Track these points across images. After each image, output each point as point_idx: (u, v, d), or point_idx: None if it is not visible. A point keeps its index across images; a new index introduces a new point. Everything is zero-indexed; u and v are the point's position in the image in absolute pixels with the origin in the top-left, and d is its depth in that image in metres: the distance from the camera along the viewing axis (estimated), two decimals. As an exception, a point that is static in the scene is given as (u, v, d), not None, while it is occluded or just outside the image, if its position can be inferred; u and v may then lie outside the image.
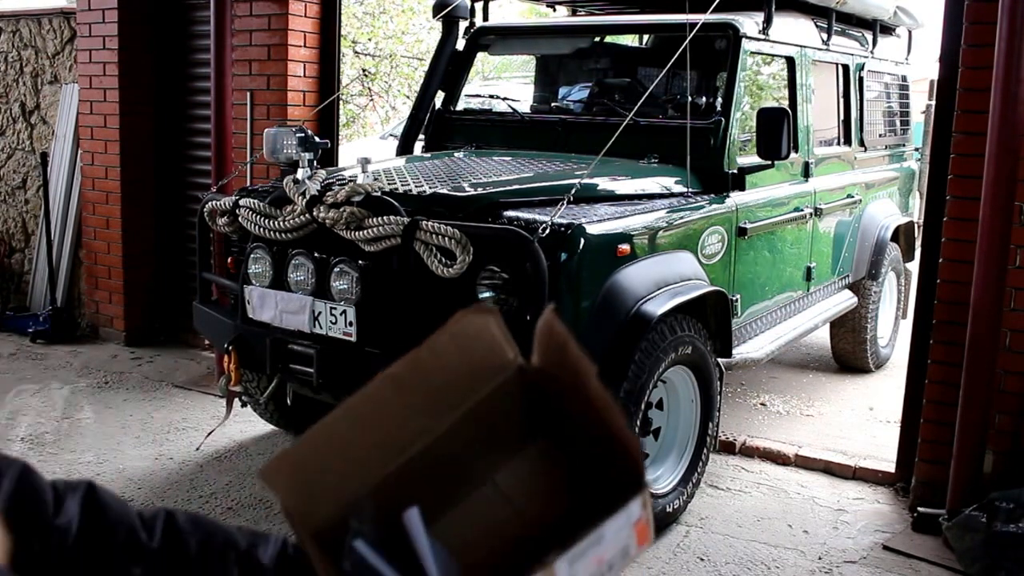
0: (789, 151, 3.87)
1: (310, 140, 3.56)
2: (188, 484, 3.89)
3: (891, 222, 5.63)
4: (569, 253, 2.99)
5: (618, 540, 0.50)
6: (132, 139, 5.99)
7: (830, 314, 5.05)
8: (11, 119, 6.75)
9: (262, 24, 5.38)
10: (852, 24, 5.36)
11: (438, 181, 3.48)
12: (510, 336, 0.61)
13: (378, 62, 12.13)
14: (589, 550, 0.50)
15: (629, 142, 3.72)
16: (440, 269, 3.00)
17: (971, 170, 3.46)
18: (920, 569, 3.33)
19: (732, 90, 4.04)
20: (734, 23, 4.10)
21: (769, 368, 5.63)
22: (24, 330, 6.19)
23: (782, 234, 4.45)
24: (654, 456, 3.60)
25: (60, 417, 4.70)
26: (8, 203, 6.84)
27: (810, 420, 4.87)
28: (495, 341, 0.61)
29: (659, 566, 3.29)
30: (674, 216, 3.59)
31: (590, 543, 0.49)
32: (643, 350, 3.18)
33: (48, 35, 6.48)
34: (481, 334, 0.60)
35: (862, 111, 5.34)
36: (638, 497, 0.51)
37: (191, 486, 3.87)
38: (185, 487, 3.86)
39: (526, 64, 5.64)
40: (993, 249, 3.31)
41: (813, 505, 3.83)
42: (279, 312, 3.43)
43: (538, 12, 9.87)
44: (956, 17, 3.64)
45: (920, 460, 3.75)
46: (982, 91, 3.36)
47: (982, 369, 3.39)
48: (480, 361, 0.61)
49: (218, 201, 3.67)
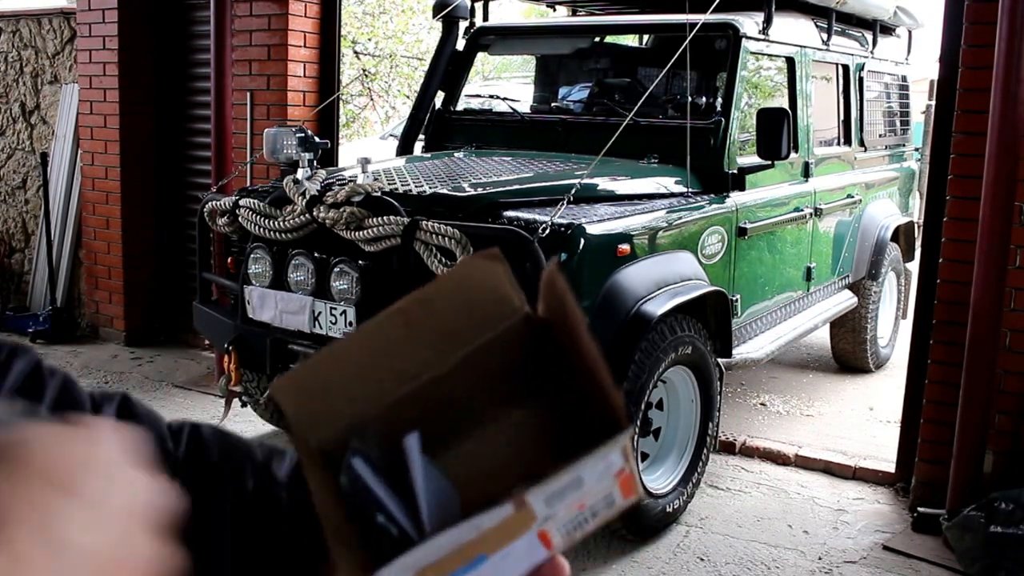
0: (789, 151, 3.87)
1: (310, 140, 3.56)
2: (188, 484, 3.89)
3: (891, 222, 5.63)
4: (569, 253, 2.99)
5: (601, 487, 0.50)
6: (132, 139, 5.99)
7: (830, 314, 5.05)
8: (11, 119, 6.75)
9: (262, 24, 5.38)
10: (852, 24, 5.36)
11: (438, 181, 3.48)
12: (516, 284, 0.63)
13: (378, 62, 12.14)
14: (568, 492, 0.50)
15: (629, 142, 3.72)
16: (440, 269, 2.99)
17: (971, 170, 3.46)
18: (920, 569, 3.33)
19: (732, 90, 4.04)
20: (734, 23, 4.10)
21: (769, 368, 5.63)
22: (24, 330, 6.19)
23: (782, 234, 4.45)
24: (654, 456, 3.60)
25: (60, 417, 4.69)
26: (8, 203, 6.84)
27: (810, 420, 4.87)
28: (503, 286, 0.62)
29: (659, 566, 3.29)
30: (674, 216, 3.59)
31: (569, 485, 0.50)
32: (643, 350, 3.18)
33: (48, 35, 6.48)
34: (489, 279, 0.62)
35: (862, 111, 5.34)
36: (617, 442, 0.52)
37: (191, 486, 3.87)
38: (185, 487, 3.86)
39: (526, 64, 5.65)
40: (993, 249, 3.31)
41: (813, 505, 3.83)
42: (279, 312, 3.43)
43: (538, 12, 9.87)
44: (956, 17, 3.64)
45: (920, 460, 3.75)
46: (982, 91, 3.36)
47: (982, 369, 3.39)
48: (487, 305, 0.62)
49: (218, 201, 3.67)
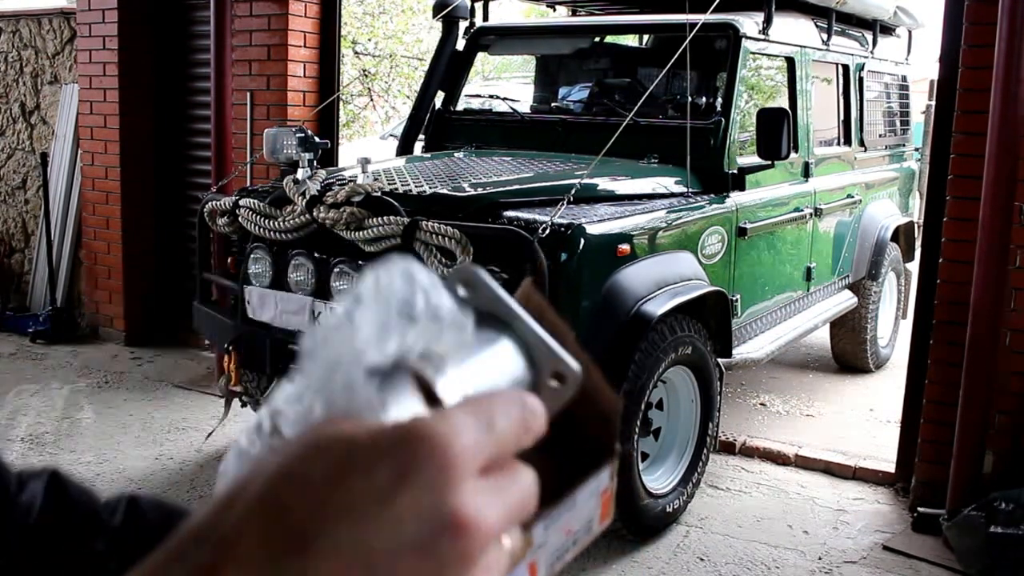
0: (789, 151, 3.87)
1: (310, 140, 3.56)
2: (188, 484, 3.89)
3: (891, 222, 5.63)
4: (569, 253, 2.99)
5: (585, 509, 0.50)
6: (132, 139, 5.99)
7: (830, 314, 5.05)
8: (11, 119, 6.75)
9: (262, 24, 5.38)
10: (852, 24, 5.36)
11: (438, 181, 3.48)
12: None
13: (378, 62, 12.14)
14: (563, 515, 0.49)
15: (629, 142, 3.71)
16: (440, 269, 2.99)
17: (971, 170, 3.46)
18: (920, 569, 3.33)
19: (732, 90, 4.04)
20: (734, 23, 4.10)
21: (769, 368, 5.63)
22: (24, 330, 6.19)
23: (782, 234, 4.45)
24: (654, 456, 3.60)
25: (60, 417, 4.70)
26: (8, 203, 6.84)
27: (810, 420, 4.87)
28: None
29: (659, 566, 3.29)
30: (674, 216, 3.59)
31: (565, 508, 0.49)
32: (643, 350, 3.18)
33: (48, 35, 6.48)
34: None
35: (862, 111, 5.34)
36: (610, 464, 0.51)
37: (191, 486, 3.87)
38: (185, 487, 3.86)
39: (526, 64, 5.64)
40: (993, 249, 3.31)
41: (813, 505, 3.83)
42: (279, 312, 3.43)
43: (538, 12, 9.87)
44: (956, 17, 3.64)
45: (920, 460, 3.75)
46: (982, 91, 3.36)
47: (982, 369, 3.39)
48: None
49: (218, 201, 3.67)
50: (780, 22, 4.35)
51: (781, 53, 4.43)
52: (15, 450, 4.21)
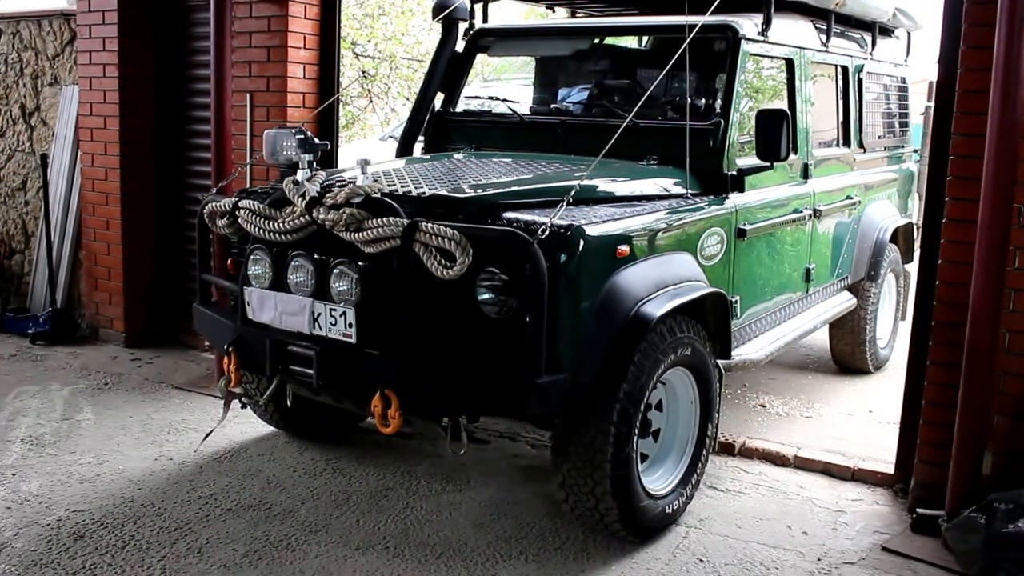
0: (788, 152, 3.87)
1: (310, 141, 3.56)
2: (188, 485, 3.89)
3: (890, 223, 5.64)
4: (568, 255, 2.99)
5: None
6: (132, 141, 6.00)
7: (829, 315, 5.06)
8: (11, 121, 6.75)
9: (262, 26, 5.39)
10: (851, 26, 5.36)
11: (438, 182, 3.48)
12: None
13: (378, 64, 12.15)
14: None
15: (628, 143, 3.72)
16: (440, 271, 3.00)
17: (970, 172, 3.46)
18: (919, 570, 3.33)
19: (731, 92, 4.04)
20: (733, 25, 4.11)
21: (768, 369, 5.63)
22: (24, 331, 6.20)
23: (781, 235, 4.45)
24: (653, 457, 3.60)
25: (60, 418, 4.70)
26: (8, 204, 6.85)
27: (809, 421, 4.88)
28: None
29: (658, 567, 3.30)
30: (673, 217, 3.60)
31: None
32: (642, 351, 3.18)
33: (48, 37, 6.49)
34: None
35: (861, 113, 5.35)
36: None
37: (191, 487, 3.88)
38: (185, 488, 3.86)
39: (526, 66, 5.65)
40: (992, 251, 3.32)
41: (812, 506, 3.84)
42: (279, 313, 3.44)
43: (538, 14, 9.87)
44: (955, 19, 3.64)
45: (919, 461, 3.76)
46: (981, 93, 3.36)
47: (981, 370, 3.39)
48: None
49: (218, 202, 3.68)
50: (779, 23, 4.36)
51: (780, 54, 4.44)
52: (15, 451, 4.21)
